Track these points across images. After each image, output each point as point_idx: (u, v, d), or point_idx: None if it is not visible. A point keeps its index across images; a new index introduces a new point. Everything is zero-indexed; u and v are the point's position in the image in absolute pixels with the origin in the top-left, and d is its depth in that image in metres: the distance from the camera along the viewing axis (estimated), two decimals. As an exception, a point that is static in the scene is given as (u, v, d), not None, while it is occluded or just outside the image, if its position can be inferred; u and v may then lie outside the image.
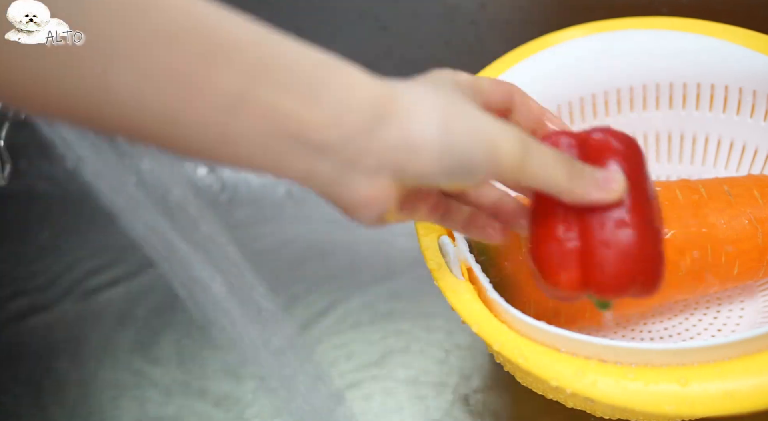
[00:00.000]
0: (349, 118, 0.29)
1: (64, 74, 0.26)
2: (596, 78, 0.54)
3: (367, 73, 0.31)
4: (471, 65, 0.63)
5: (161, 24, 0.26)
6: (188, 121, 0.28)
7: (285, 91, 0.28)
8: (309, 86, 0.29)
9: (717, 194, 0.50)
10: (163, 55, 0.27)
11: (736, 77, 0.52)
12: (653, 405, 0.37)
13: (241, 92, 0.28)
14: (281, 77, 0.28)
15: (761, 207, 0.49)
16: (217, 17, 0.28)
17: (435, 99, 0.31)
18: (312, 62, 0.29)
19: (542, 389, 0.46)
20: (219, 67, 0.27)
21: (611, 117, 0.55)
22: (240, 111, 0.28)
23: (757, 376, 0.37)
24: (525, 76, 0.52)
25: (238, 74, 0.28)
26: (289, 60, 0.29)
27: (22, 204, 0.68)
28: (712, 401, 0.36)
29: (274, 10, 0.62)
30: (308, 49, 0.30)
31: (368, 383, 0.56)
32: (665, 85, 0.54)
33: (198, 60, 0.27)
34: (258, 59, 0.28)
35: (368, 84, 0.30)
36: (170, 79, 0.27)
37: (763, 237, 0.49)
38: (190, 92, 0.27)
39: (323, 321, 0.59)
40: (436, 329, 0.58)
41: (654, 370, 0.38)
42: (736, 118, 0.53)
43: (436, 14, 0.61)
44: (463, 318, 0.43)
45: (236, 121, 0.28)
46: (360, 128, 0.30)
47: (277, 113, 0.28)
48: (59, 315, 0.62)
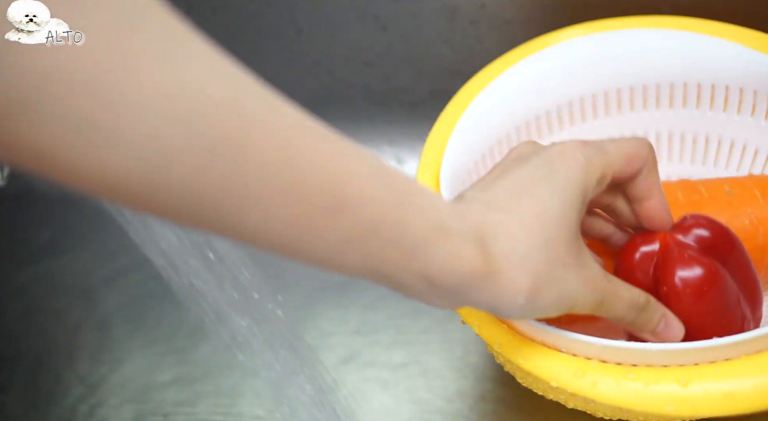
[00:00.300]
0: (443, 280, 0.32)
1: (200, 209, 0.28)
2: (597, 77, 0.54)
3: (473, 233, 0.33)
4: (471, 65, 0.63)
5: (294, 180, 0.28)
6: (298, 254, 0.30)
7: (391, 245, 0.31)
8: (413, 247, 0.31)
9: (718, 194, 0.50)
10: (290, 207, 0.28)
11: (737, 77, 0.51)
12: (654, 406, 0.37)
13: (353, 240, 0.30)
14: (391, 234, 0.31)
15: (762, 207, 0.49)
16: (352, 175, 0.30)
17: (529, 268, 0.34)
18: (426, 226, 0.31)
19: (542, 390, 0.46)
20: (338, 219, 0.29)
21: (611, 117, 0.55)
22: (347, 252, 0.30)
23: (758, 376, 0.37)
24: (525, 76, 0.52)
25: (353, 227, 0.30)
26: (403, 220, 0.31)
27: (22, 204, 0.68)
28: (713, 402, 0.36)
29: (275, 10, 0.62)
30: (424, 208, 0.32)
31: (367, 379, 0.56)
32: (665, 85, 0.54)
33: (320, 212, 0.29)
34: (375, 215, 0.30)
35: (467, 256, 0.32)
36: (291, 224, 0.29)
37: (763, 237, 0.49)
38: (306, 236, 0.29)
39: (324, 321, 0.59)
40: (438, 330, 0.58)
41: (654, 370, 0.38)
42: (737, 117, 0.53)
43: (436, 14, 0.61)
44: (463, 318, 0.43)
45: (343, 258, 0.30)
46: (452, 290, 0.33)
47: (379, 259, 0.31)
48: (59, 315, 0.62)
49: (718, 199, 0.49)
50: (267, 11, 0.61)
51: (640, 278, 0.43)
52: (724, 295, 0.42)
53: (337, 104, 0.65)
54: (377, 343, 0.58)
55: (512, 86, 0.52)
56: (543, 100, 0.54)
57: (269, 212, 0.28)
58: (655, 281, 0.43)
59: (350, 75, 0.64)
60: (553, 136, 0.55)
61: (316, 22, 0.62)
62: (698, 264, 0.41)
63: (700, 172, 0.56)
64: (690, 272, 0.41)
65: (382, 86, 0.65)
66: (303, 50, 0.63)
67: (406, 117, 0.66)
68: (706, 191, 0.50)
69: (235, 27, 0.62)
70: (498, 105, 0.52)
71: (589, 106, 0.55)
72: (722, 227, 0.43)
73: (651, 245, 0.43)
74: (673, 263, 0.42)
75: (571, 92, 0.54)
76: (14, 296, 0.63)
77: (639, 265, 0.43)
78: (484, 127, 0.52)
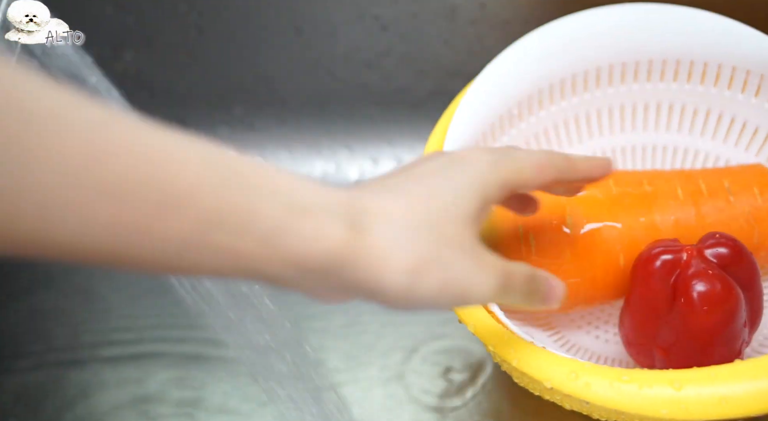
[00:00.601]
0: (311, 263, 0.29)
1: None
2: (602, 51, 0.53)
3: (341, 209, 0.30)
4: (471, 65, 0.63)
5: (110, 178, 0.25)
6: (132, 261, 0.27)
7: (240, 236, 0.28)
8: (266, 234, 0.28)
9: (717, 190, 0.50)
10: (110, 208, 0.25)
11: (744, 58, 0.51)
12: (647, 408, 0.37)
13: (191, 238, 0.27)
14: (237, 224, 0.28)
15: (759, 206, 0.49)
16: (179, 164, 0.27)
17: (409, 246, 0.31)
18: (279, 208, 0.29)
19: (539, 390, 0.46)
20: (170, 216, 0.26)
21: (613, 87, 0.54)
22: (190, 251, 0.27)
23: (751, 381, 0.37)
24: (527, 55, 0.52)
25: (191, 222, 0.27)
26: (248, 206, 0.28)
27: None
28: (707, 406, 0.36)
29: (275, 10, 0.63)
30: (274, 191, 0.29)
31: (365, 379, 0.56)
32: (672, 61, 0.53)
33: (147, 211, 0.26)
34: (214, 206, 0.27)
35: (332, 233, 0.29)
36: (115, 228, 0.26)
37: (758, 236, 0.49)
38: (135, 238, 0.26)
39: (325, 321, 0.59)
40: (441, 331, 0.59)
41: (648, 373, 0.38)
42: (741, 97, 0.53)
43: (436, 14, 0.61)
44: (459, 318, 0.43)
45: (186, 259, 0.27)
46: (324, 272, 0.30)
47: (231, 253, 0.28)
48: (60, 314, 0.62)
49: (718, 196, 0.49)
50: (267, 11, 0.61)
51: (654, 284, 0.44)
52: (736, 317, 0.43)
53: (337, 104, 0.65)
54: (378, 344, 0.58)
55: (510, 76, 0.52)
56: (546, 75, 0.53)
57: (86, 217, 0.25)
58: (674, 291, 0.43)
59: (350, 75, 0.64)
60: (553, 106, 0.54)
61: (316, 22, 0.62)
62: (719, 281, 0.42)
63: (696, 143, 0.55)
64: (710, 287, 0.42)
65: (382, 86, 0.65)
66: (303, 50, 0.63)
67: (406, 117, 0.66)
68: (706, 187, 0.50)
69: (235, 27, 0.62)
70: (497, 94, 0.52)
71: (593, 79, 0.54)
72: (745, 252, 0.45)
73: (674, 255, 0.44)
74: (695, 275, 0.43)
75: (574, 66, 0.53)
76: (14, 296, 0.63)
77: (658, 272, 0.44)
78: (482, 116, 0.51)
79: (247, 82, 0.65)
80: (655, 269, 0.44)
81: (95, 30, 0.59)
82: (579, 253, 0.48)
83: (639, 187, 0.50)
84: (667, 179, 0.51)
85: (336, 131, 0.66)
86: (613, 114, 0.56)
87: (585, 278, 0.48)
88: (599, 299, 0.49)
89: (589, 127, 0.56)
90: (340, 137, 0.67)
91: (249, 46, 0.63)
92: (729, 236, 0.45)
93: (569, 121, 0.55)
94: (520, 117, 0.53)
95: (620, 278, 0.47)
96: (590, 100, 0.55)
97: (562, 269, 0.47)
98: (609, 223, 0.48)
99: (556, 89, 0.54)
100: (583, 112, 0.55)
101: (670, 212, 0.49)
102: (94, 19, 0.62)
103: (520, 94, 0.52)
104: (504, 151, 0.36)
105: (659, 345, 0.44)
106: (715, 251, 0.44)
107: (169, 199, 0.26)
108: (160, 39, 0.64)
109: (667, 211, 0.49)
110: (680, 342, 0.43)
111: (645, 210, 0.49)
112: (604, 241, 0.48)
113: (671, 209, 0.49)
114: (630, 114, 0.56)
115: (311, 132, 0.67)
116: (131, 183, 0.26)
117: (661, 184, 0.50)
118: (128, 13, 0.62)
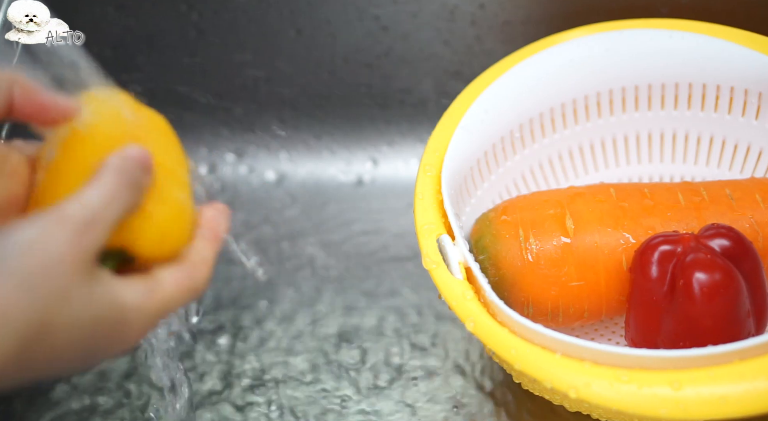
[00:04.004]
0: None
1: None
2: (601, 76, 0.53)
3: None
4: (471, 66, 0.63)
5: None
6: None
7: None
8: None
9: (719, 197, 0.50)
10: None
11: (741, 78, 0.51)
12: (647, 408, 0.37)
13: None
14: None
15: (763, 211, 0.49)
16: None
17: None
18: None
19: (538, 390, 0.46)
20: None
21: (615, 116, 0.55)
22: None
23: (750, 381, 0.37)
24: (527, 75, 0.52)
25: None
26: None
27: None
28: (705, 406, 0.37)
29: (275, 10, 0.63)
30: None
31: (367, 381, 0.56)
32: (670, 85, 0.53)
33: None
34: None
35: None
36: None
37: (763, 241, 0.49)
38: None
39: (324, 321, 0.60)
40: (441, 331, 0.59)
41: (647, 373, 0.38)
42: (741, 120, 0.53)
43: (436, 14, 0.61)
44: (459, 317, 0.43)
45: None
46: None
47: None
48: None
49: (720, 202, 0.49)
50: (267, 11, 0.61)
51: (652, 273, 0.44)
52: (737, 303, 0.42)
53: (337, 104, 0.65)
54: (377, 345, 0.58)
55: (514, 86, 0.52)
56: (545, 99, 0.53)
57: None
58: (672, 279, 0.43)
59: (350, 75, 0.64)
60: (555, 134, 0.55)
61: (316, 22, 0.62)
62: (718, 267, 0.42)
63: (703, 173, 0.56)
64: (708, 273, 0.42)
65: (382, 87, 0.65)
66: (303, 50, 0.63)
67: (406, 117, 0.66)
68: (707, 194, 0.50)
69: (235, 27, 0.62)
70: (500, 104, 0.52)
71: (593, 105, 0.55)
72: (746, 242, 0.45)
73: (673, 246, 0.44)
74: (693, 262, 0.43)
75: (574, 90, 0.54)
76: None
77: (657, 261, 0.44)
78: (487, 125, 0.52)
79: (247, 82, 0.65)
80: (654, 258, 0.44)
81: (95, 30, 0.59)
82: (581, 260, 0.48)
83: (641, 197, 0.50)
84: (668, 188, 0.51)
85: (336, 131, 0.66)
86: (617, 144, 0.57)
87: (588, 282, 0.48)
88: (605, 309, 0.49)
89: (594, 159, 0.57)
90: (340, 137, 0.67)
91: (249, 46, 0.63)
92: (728, 226, 0.45)
93: (573, 150, 0.57)
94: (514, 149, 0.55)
95: (624, 286, 0.47)
96: (582, 132, 0.56)
97: (564, 274, 0.47)
98: (610, 229, 0.48)
99: (557, 114, 0.54)
100: (586, 141, 0.56)
101: (672, 219, 0.49)
102: (94, 19, 0.62)
103: (520, 118, 0.53)
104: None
105: (664, 340, 0.44)
106: (715, 241, 0.44)
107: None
108: (160, 39, 0.64)
109: (668, 215, 0.49)
110: (683, 333, 0.43)
111: (647, 216, 0.49)
112: (605, 248, 0.48)
113: (673, 214, 0.49)
114: (634, 144, 0.57)
115: (311, 132, 0.67)
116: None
117: (662, 192, 0.50)
118: (129, 14, 0.62)
